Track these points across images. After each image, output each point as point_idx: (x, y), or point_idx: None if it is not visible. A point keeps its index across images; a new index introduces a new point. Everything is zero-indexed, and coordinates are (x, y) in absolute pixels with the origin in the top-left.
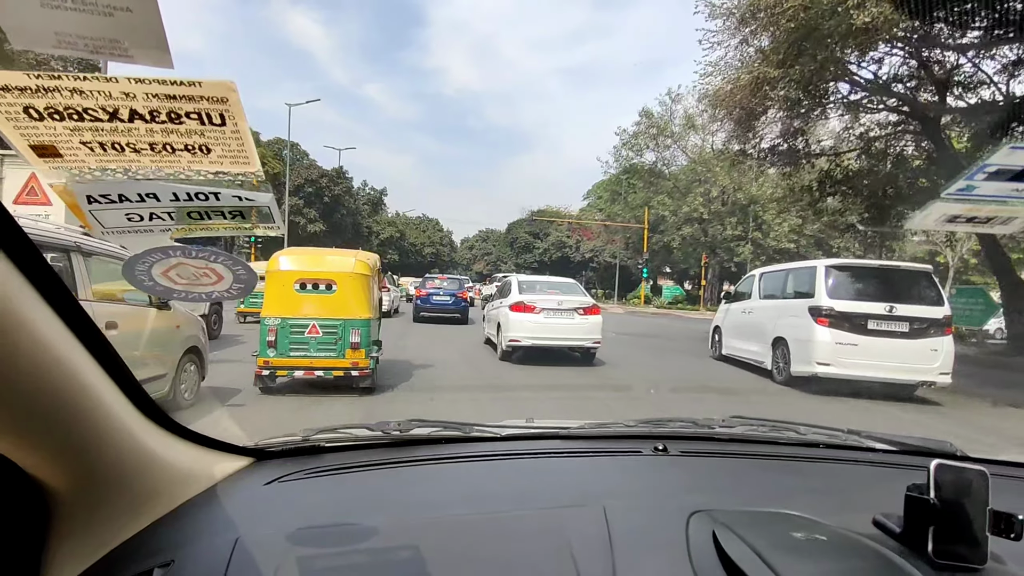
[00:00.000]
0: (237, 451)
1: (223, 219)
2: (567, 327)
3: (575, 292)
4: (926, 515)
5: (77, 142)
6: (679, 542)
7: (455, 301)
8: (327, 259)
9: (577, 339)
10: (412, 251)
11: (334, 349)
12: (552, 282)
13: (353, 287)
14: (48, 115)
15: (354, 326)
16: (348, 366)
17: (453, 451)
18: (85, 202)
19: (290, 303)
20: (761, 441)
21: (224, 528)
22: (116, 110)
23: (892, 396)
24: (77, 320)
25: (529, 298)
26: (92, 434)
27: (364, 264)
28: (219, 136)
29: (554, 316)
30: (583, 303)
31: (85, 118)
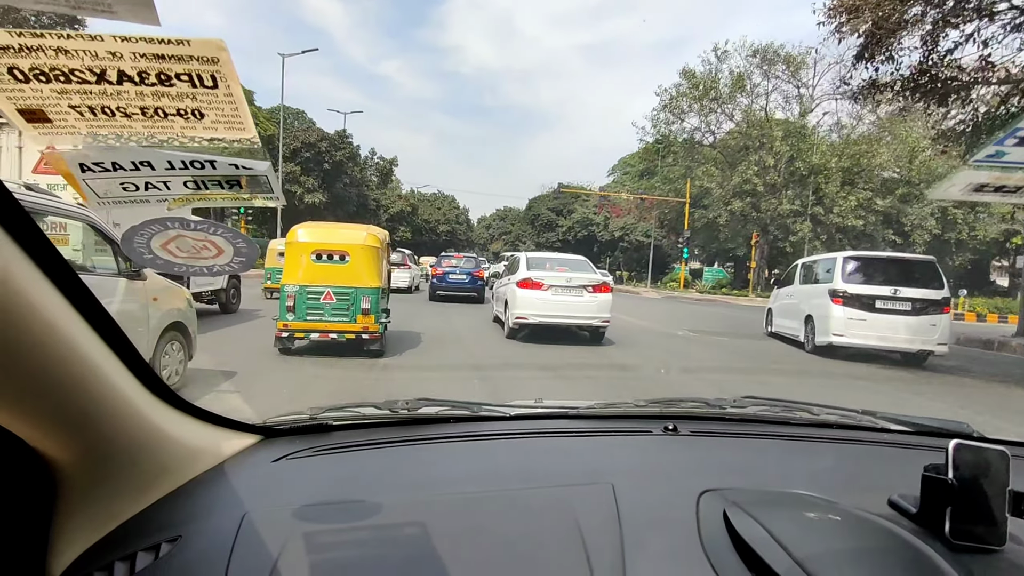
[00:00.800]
0: (245, 428)
1: (220, 189)
2: (575, 305)
3: (584, 269)
4: (944, 495)
5: (65, 106)
6: (689, 521)
7: (472, 280)
8: (341, 232)
9: (586, 317)
10: (426, 228)
11: (347, 314)
12: (561, 259)
13: (365, 258)
14: (33, 76)
15: (365, 293)
16: (359, 330)
17: (461, 430)
18: (79, 170)
19: (307, 272)
20: (773, 421)
21: (231, 504)
22: (103, 71)
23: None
24: (77, 293)
25: (537, 274)
26: (96, 408)
27: (375, 237)
28: (212, 100)
29: (562, 293)
30: (592, 280)
31: (72, 80)
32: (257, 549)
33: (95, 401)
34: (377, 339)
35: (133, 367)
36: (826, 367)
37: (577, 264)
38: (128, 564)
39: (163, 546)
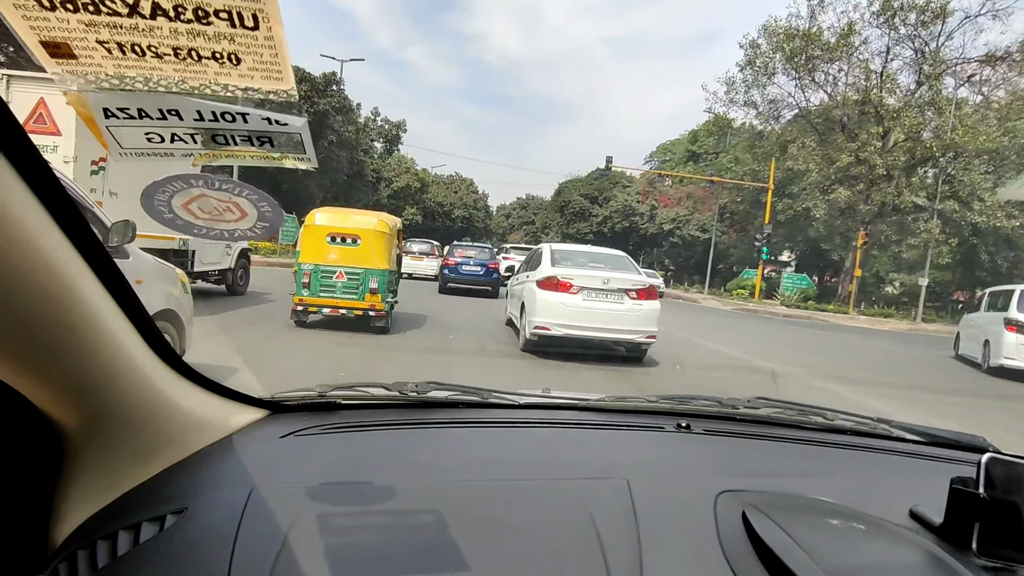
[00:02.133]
0: (253, 402)
1: (250, 145)
2: (614, 314)
3: (626, 267)
4: (973, 510)
5: (93, 41)
6: (707, 521)
7: (486, 272)
8: (354, 217)
9: (626, 331)
10: (439, 212)
11: (356, 292)
12: (595, 253)
13: (375, 242)
14: (60, 4)
15: (373, 274)
16: (367, 307)
17: (470, 416)
18: (102, 115)
19: (322, 252)
20: (787, 424)
21: (239, 478)
22: (136, 2)
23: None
24: (92, 252)
25: (564, 272)
26: (105, 372)
27: (385, 224)
28: (251, 43)
29: (597, 298)
30: (636, 282)
31: (102, 10)
32: (265, 525)
33: (106, 365)
34: (383, 316)
35: (145, 333)
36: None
37: (616, 260)
38: (132, 534)
39: (168, 517)
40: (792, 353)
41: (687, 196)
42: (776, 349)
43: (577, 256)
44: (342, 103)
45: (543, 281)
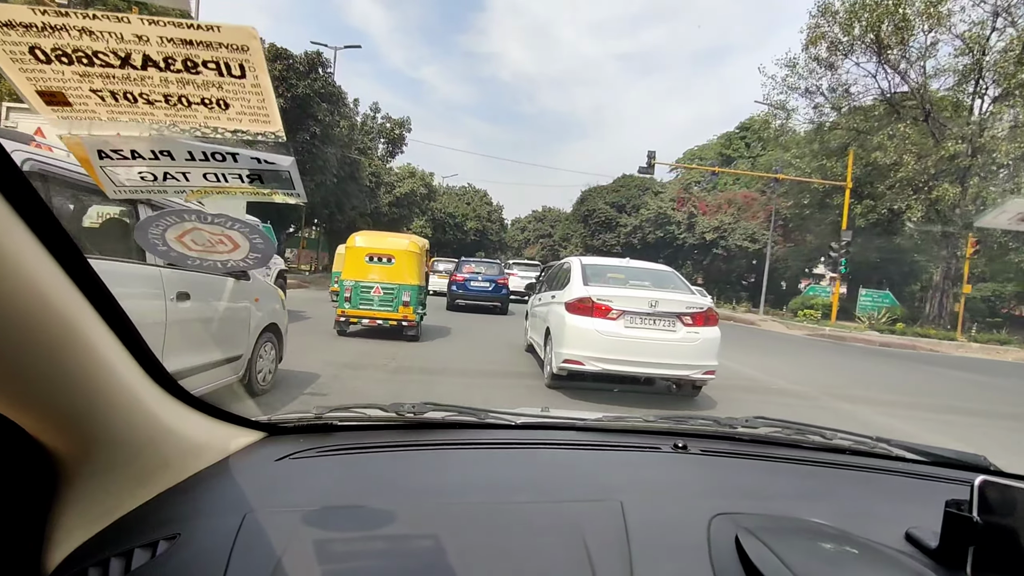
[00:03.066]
0: (249, 425)
1: (240, 182)
2: (664, 345)
3: (675, 286)
4: (966, 533)
5: (87, 90)
6: (700, 544)
7: (495, 288)
8: (389, 239)
9: (679, 365)
10: (450, 224)
11: (391, 305)
12: (635, 268)
13: (407, 260)
14: (55, 57)
15: (405, 289)
16: (400, 318)
17: (467, 437)
18: (96, 157)
19: (361, 270)
20: (785, 444)
21: (233, 503)
22: (128, 55)
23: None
24: (85, 278)
25: (601, 292)
26: (99, 398)
27: (415, 244)
28: (238, 90)
29: (643, 325)
30: (691, 305)
31: (95, 63)
32: (257, 551)
33: (100, 391)
34: (414, 326)
35: (139, 356)
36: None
37: (662, 277)
38: (124, 561)
39: (161, 544)
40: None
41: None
42: (940, 400)
43: (614, 272)
44: (329, 90)
45: (574, 304)
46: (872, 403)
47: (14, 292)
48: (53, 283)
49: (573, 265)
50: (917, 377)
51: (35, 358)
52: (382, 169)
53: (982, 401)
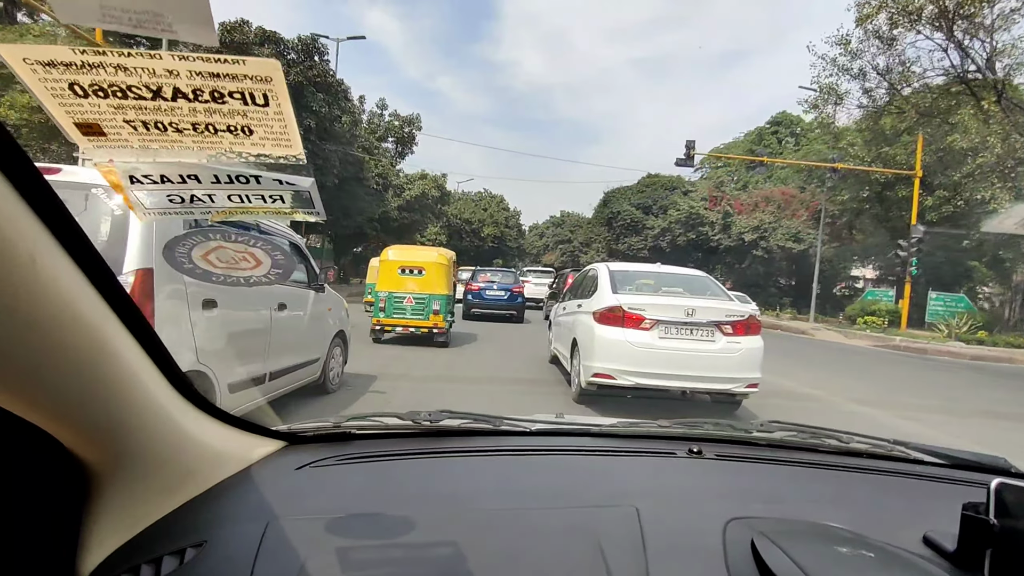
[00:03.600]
0: (270, 434)
1: (263, 202)
2: (703, 356)
3: (711, 292)
4: (983, 536)
5: (120, 120)
6: (716, 549)
7: (510, 296)
8: (419, 253)
9: (720, 378)
10: (467, 231)
11: (422, 313)
12: (666, 274)
13: (436, 272)
14: (92, 92)
15: (435, 299)
16: (431, 326)
17: (483, 444)
18: (128, 182)
19: (395, 282)
20: (801, 447)
21: (256, 511)
22: (159, 88)
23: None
24: (111, 291)
25: (632, 301)
26: (131, 412)
27: (444, 257)
28: (262, 117)
29: (679, 335)
30: (732, 313)
31: (129, 96)
32: (280, 558)
33: (130, 404)
34: (443, 333)
35: (165, 369)
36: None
37: (696, 283)
38: (154, 567)
39: (188, 551)
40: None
41: (765, 200)
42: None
43: (644, 278)
44: (326, 80)
45: (603, 313)
46: None
47: (54, 311)
48: (84, 299)
49: (600, 272)
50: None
51: (68, 373)
52: (390, 170)
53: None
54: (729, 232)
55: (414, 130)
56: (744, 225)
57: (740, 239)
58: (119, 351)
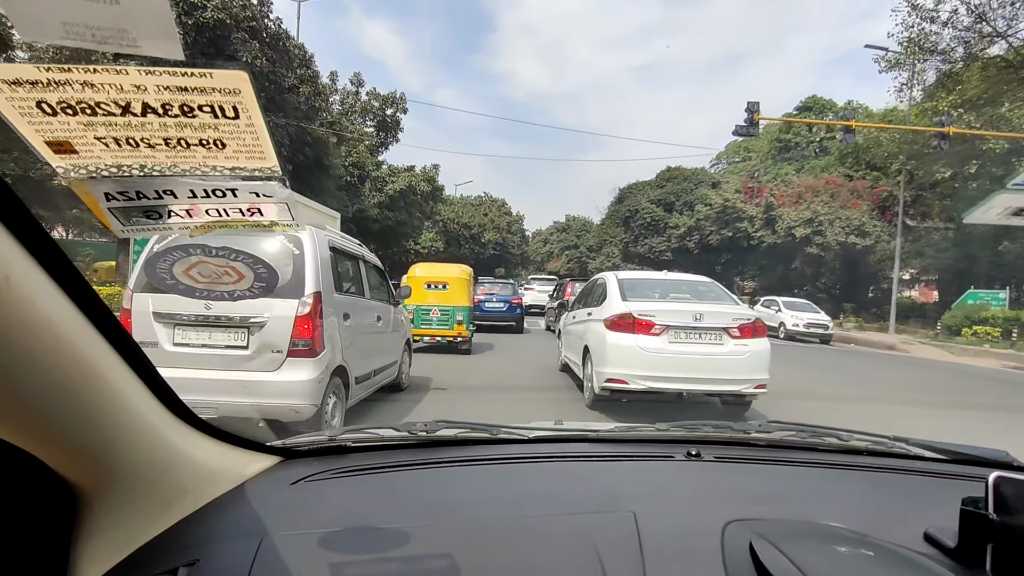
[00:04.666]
0: (264, 450)
1: (241, 215)
2: (712, 359)
3: (718, 297)
4: (983, 531)
5: (92, 137)
6: (714, 553)
7: (509, 308)
8: (443, 269)
9: (729, 380)
10: (466, 237)
11: (447, 324)
12: (673, 281)
13: (458, 286)
14: (61, 109)
15: (459, 310)
16: (455, 335)
17: (480, 453)
18: (103, 200)
19: (422, 296)
20: (800, 447)
21: (250, 528)
22: (128, 103)
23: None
24: (96, 311)
25: (642, 307)
26: (118, 431)
27: (465, 272)
28: (233, 130)
29: (688, 339)
30: (738, 316)
31: (98, 112)
32: (274, 574)
33: (117, 424)
34: (467, 341)
35: (152, 386)
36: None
37: (703, 288)
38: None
39: (181, 570)
40: None
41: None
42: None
43: (652, 286)
44: (263, 25)
45: (614, 320)
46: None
47: (31, 331)
48: (67, 319)
49: (609, 280)
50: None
51: (51, 394)
52: (368, 159)
53: None
54: (774, 227)
55: (398, 113)
56: (794, 218)
57: (789, 235)
58: (103, 370)
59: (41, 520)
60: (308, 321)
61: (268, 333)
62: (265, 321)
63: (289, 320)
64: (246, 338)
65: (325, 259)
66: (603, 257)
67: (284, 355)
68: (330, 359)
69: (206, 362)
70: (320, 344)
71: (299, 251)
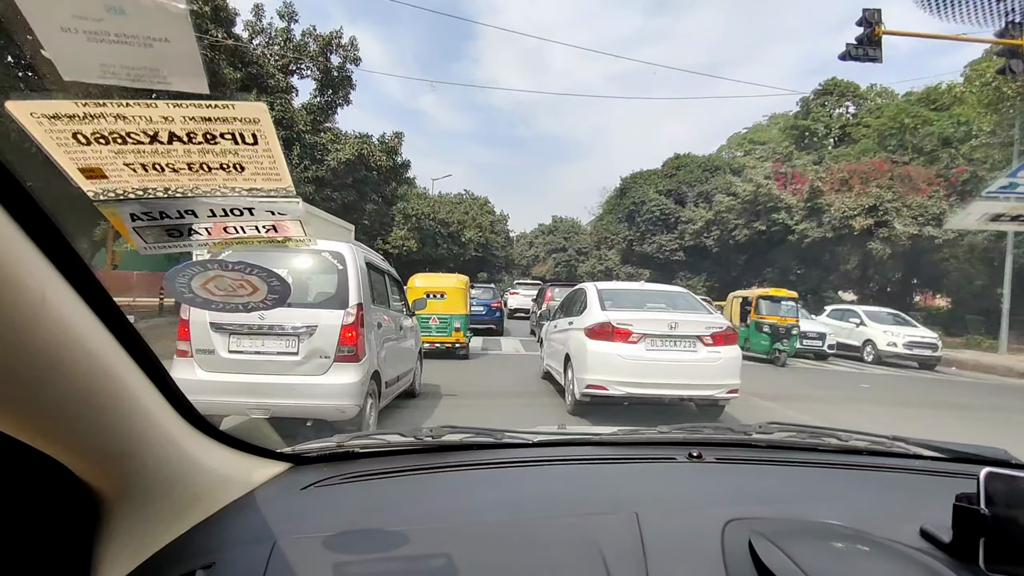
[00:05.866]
0: (274, 456)
1: (257, 232)
2: (687, 366)
3: (693, 307)
4: (976, 526)
5: (121, 164)
6: (714, 552)
7: (489, 311)
8: (441, 279)
9: (703, 385)
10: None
11: (446, 331)
12: (650, 291)
13: (456, 295)
14: (94, 140)
15: (456, 318)
16: (453, 341)
17: (485, 457)
18: (129, 220)
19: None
20: (800, 447)
21: (262, 532)
22: (156, 133)
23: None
24: (115, 321)
25: (620, 317)
26: (135, 437)
27: (461, 282)
28: (252, 155)
29: (664, 347)
30: (711, 325)
31: (128, 142)
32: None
33: (138, 432)
34: (464, 347)
35: (169, 396)
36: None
37: (678, 298)
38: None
39: (198, 573)
40: None
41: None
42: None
43: (630, 296)
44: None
45: (594, 329)
46: None
47: (64, 346)
48: (93, 333)
49: (589, 291)
50: None
51: (79, 404)
52: (300, 118)
53: None
54: (819, 218)
55: (348, 64)
56: (851, 206)
57: (844, 226)
58: (127, 382)
59: (66, 524)
60: (352, 329)
61: (316, 340)
62: (314, 329)
63: (336, 328)
64: (296, 345)
65: (364, 273)
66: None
67: (331, 360)
68: (370, 364)
69: (259, 367)
70: (362, 350)
71: (342, 266)
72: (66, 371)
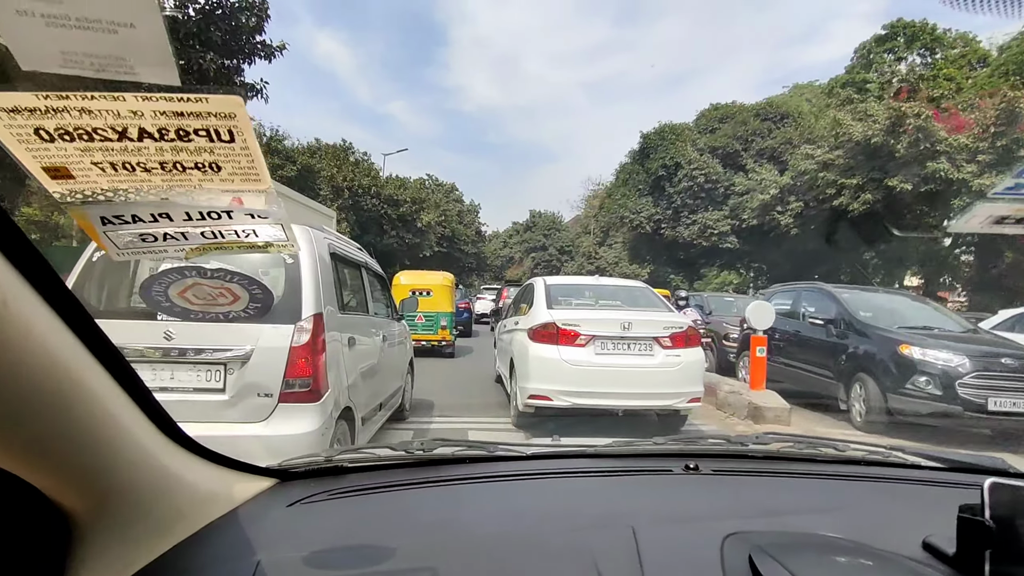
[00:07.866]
0: (260, 472)
1: (236, 237)
2: (641, 372)
3: (650, 303)
4: (981, 537)
5: (88, 163)
6: (713, 566)
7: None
8: (427, 276)
9: (660, 394)
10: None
11: (432, 329)
12: (607, 286)
13: (442, 292)
14: (58, 136)
15: (443, 316)
16: (439, 339)
17: (477, 471)
18: (99, 223)
19: None
20: (798, 459)
21: (246, 550)
22: (125, 129)
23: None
24: (89, 333)
25: (566, 316)
26: (112, 455)
27: (448, 279)
28: (228, 153)
29: (616, 350)
30: (670, 324)
31: (95, 138)
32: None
33: (110, 448)
34: (451, 345)
35: (146, 408)
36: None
37: (634, 294)
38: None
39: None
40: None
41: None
42: None
43: (581, 292)
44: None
45: (537, 330)
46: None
47: (28, 353)
48: (60, 341)
49: (537, 286)
50: None
51: (45, 418)
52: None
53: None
54: (1010, 166)
55: (256, 15)
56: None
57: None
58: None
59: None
60: (307, 353)
61: (253, 370)
62: (248, 354)
63: (282, 352)
64: (222, 378)
65: (327, 269)
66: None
67: (275, 400)
68: (335, 400)
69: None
70: (323, 383)
71: (292, 259)
72: (31, 383)
